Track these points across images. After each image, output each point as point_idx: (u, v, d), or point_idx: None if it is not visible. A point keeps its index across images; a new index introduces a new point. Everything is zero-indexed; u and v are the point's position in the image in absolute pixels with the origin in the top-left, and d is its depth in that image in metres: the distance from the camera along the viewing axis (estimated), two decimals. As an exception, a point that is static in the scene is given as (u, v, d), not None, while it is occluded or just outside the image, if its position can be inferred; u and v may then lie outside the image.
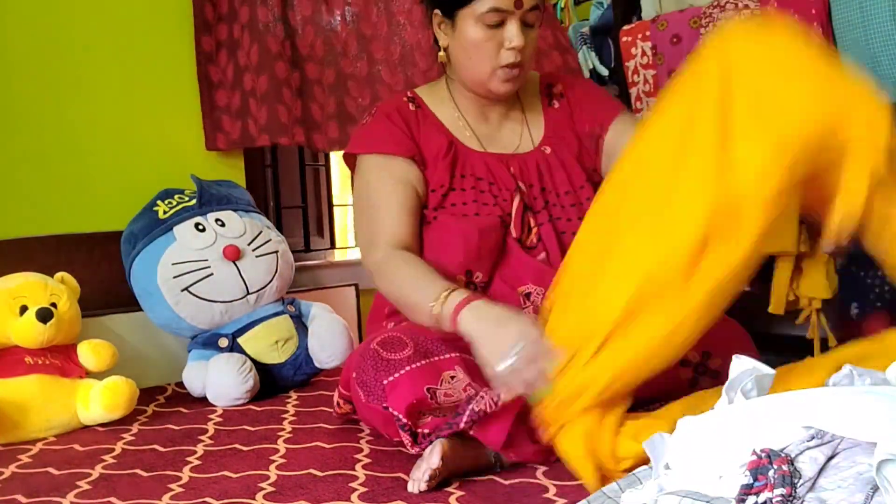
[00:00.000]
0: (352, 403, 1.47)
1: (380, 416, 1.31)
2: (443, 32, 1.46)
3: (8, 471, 1.41)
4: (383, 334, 1.35)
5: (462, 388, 1.27)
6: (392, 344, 1.31)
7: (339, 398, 1.52)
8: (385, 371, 1.28)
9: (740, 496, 0.78)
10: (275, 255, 2.04)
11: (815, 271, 1.84)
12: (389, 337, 1.33)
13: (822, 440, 0.81)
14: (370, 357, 1.30)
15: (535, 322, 1.23)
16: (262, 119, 2.25)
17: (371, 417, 1.36)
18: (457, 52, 1.45)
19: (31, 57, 2.05)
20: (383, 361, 1.28)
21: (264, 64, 2.24)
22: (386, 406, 1.26)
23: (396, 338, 1.32)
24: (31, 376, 1.66)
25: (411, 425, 1.23)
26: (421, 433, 1.24)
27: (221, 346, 1.93)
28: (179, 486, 1.28)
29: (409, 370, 1.28)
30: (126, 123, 2.18)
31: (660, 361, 1.12)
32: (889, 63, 1.63)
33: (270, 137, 2.25)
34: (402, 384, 1.26)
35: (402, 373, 1.27)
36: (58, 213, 2.07)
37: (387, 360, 1.28)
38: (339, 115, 2.40)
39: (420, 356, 1.30)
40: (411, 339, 1.32)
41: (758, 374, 0.99)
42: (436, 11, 1.44)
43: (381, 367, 1.28)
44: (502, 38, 1.39)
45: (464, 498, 1.16)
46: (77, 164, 2.11)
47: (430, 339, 1.33)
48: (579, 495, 1.11)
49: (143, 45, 2.20)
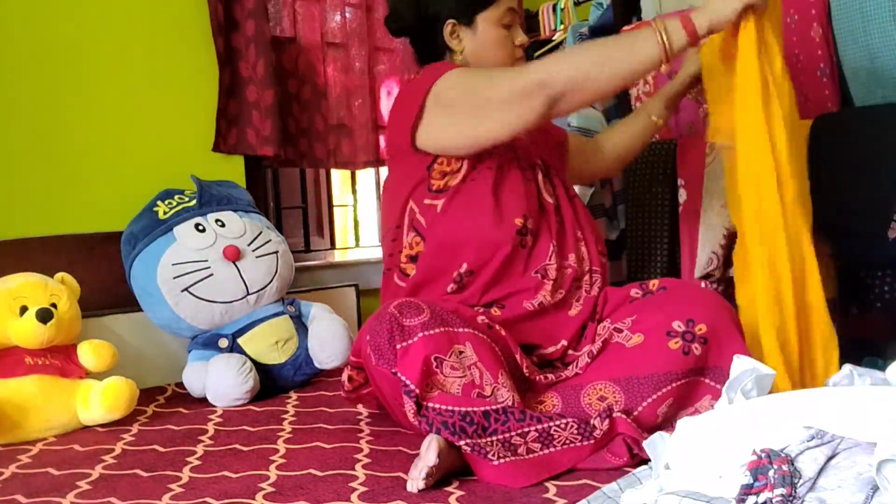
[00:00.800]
0: (362, 370, 1.47)
1: (387, 382, 1.32)
2: (458, 39, 1.57)
3: (8, 471, 1.41)
4: (401, 300, 1.37)
5: (468, 364, 1.30)
6: (409, 308, 1.33)
7: (349, 370, 1.52)
8: (399, 336, 1.30)
9: (740, 496, 0.78)
10: (275, 256, 2.04)
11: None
12: (407, 302, 1.35)
13: (822, 440, 0.81)
14: (386, 320, 1.32)
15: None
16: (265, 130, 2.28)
17: (380, 381, 1.37)
18: (478, 52, 1.58)
19: (32, 57, 2.05)
20: (398, 326, 1.31)
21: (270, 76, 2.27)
22: (395, 371, 1.28)
23: (414, 303, 1.34)
24: (31, 377, 1.66)
25: (418, 394, 1.25)
26: (426, 406, 1.25)
27: (221, 347, 1.93)
28: (179, 486, 1.28)
29: (422, 337, 1.29)
30: (126, 124, 2.18)
31: None
32: (889, 63, 1.63)
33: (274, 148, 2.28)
34: (413, 351, 1.28)
35: (415, 339, 1.29)
36: (58, 213, 2.08)
37: (402, 325, 1.31)
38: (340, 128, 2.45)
39: (436, 323, 1.31)
40: (428, 307, 1.34)
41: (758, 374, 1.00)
42: (449, 21, 1.55)
43: (396, 331, 1.30)
44: (512, 37, 1.59)
45: (464, 498, 1.16)
46: (77, 165, 2.11)
47: (447, 310, 1.36)
48: (579, 495, 1.11)
49: (144, 46, 2.21)
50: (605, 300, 1.52)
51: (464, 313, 1.38)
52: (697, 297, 1.42)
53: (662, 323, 1.37)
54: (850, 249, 1.73)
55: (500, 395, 1.29)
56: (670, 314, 1.38)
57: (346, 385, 1.55)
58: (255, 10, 2.28)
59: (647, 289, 1.49)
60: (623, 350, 1.39)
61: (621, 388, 1.35)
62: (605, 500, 1.04)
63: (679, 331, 1.36)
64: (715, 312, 1.37)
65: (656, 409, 1.33)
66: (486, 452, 1.21)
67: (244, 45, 2.29)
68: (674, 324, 1.37)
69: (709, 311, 1.37)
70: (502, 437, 1.24)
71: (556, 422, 1.28)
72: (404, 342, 1.29)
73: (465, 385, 1.28)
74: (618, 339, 1.41)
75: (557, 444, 1.26)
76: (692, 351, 1.34)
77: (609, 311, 1.49)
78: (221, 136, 2.30)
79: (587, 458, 1.26)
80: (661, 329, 1.37)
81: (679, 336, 1.36)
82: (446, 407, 1.24)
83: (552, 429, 1.27)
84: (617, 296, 1.51)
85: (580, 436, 1.27)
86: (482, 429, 1.23)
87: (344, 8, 2.53)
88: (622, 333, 1.41)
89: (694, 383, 1.35)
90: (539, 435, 1.26)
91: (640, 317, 1.42)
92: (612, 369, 1.37)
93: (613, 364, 1.38)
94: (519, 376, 1.38)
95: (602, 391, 1.36)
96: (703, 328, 1.35)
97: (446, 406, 1.24)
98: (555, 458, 1.25)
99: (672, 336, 1.36)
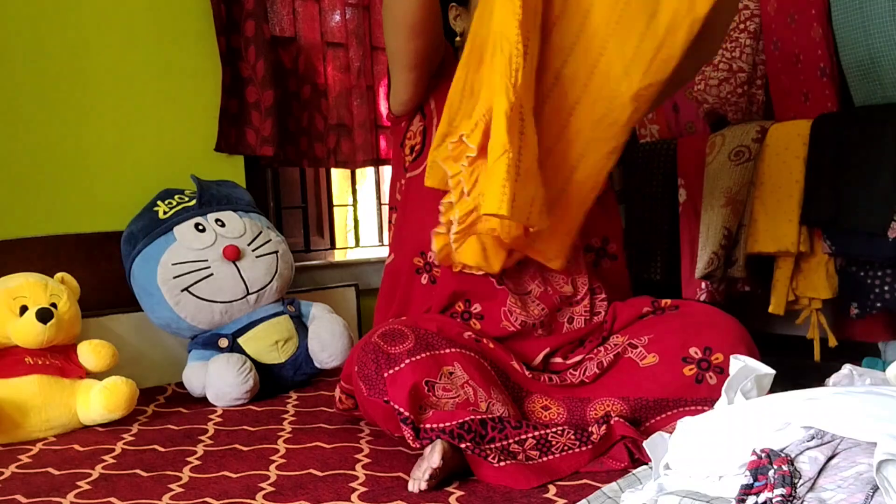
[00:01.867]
0: (353, 398, 1.48)
1: (381, 411, 1.31)
2: (458, 21, 1.61)
3: (8, 471, 1.41)
4: (384, 327, 1.36)
5: (460, 384, 1.29)
6: (393, 336, 1.33)
7: (340, 393, 1.54)
8: (386, 364, 1.29)
9: (740, 496, 0.78)
10: (275, 256, 2.04)
11: (815, 271, 1.84)
12: (391, 329, 1.34)
13: (822, 440, 0.81)
14: (371, 350, 1.32)
15: None
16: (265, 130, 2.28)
17: (373, 412, 1.37)
18: None
19: (33, 57, 2.05)
20: (384, 354, 1.30)
21: (269, 77, 2.27)
22: (387, 400, 1.27)
23: (398, 330, 1.34)
24: (31, 376, 1.66)
25: (413, 419, 1.24)
26: (423, 428, 1.24)
27: (221, 347, 1.93)
28: (179, 486, 1.28)
29: (409, 363, 1.29)
30: (126, 124, 2.18)
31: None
32: (889, 63, 1.63)
33: (273, 148, 2.28)
34: (402, 377, 1.27)
35: (402, 366, 1.29)
36: (58, 213, 2.07)
37: (387, 353, 1.30)
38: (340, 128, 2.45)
39: (421, 348, 1.31)
40: (412, 332, 1.33)
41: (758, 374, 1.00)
42: (452, 5, 1.60)
43: (382, 360, 1.30)
44: None
45: (464, 498, 1.16)
46: (77, 165, 2.11)
47: (430, 332, 1.35)
48: (579, 495, 1.11)
49: (144, 46, 2.20)
50: (615, 315, 1.48)
51: (448, 332, 1.37)
52: (718, 323, 1.39)
53: (679, 347, 1.35)
54: (851, 249, 1.73)
55: (496, 409, 1.29)
56: (688, 339, 1.36)
57: (337, 405, 1.57)
58: (255, 10, 2.28)
59: (659, 306, 1.46)
60: (636, 368, 1.37)
61: (630, 407, 1.34)
62: (605, 500, 1.04)
63: (695, 357, 1.34)
64: (733, 342, 1.34)
65: (659, 428, 1.32)
66: (487, 455, 1.21)
67: (244, 46, 2.29)
68: (691, 350, 1.35)
69: (727, 341, 1.34)
70: (500, 444, 1.24)
71: (552, 428, 1.28)
72: (391, 369, 1.29)
73: (460, 405, 1.28)
74: (631, 356, 1.39)
75: (556, 451, 1.26)
76: (706, 380, 1.33)
77: (620, 325, 1.46)
78: (223, 135, 2.30)
79: (588, 463, 1.26)
80: (678, 354, 1.35)
81: (695, 364, 1.34)
82: (443, 424, 1.23)
83: (549, 435, 1.27)
84: (628, 312, 1.47)
85: (578, 441, 1.27)
86: (480, 437, 1.23)
87: (343, 8, 2.53)
88: (637, 350, 1.39)
89: (702, 412, 1.34)
90: (537, 442, 1.26)
91: (657, 336, 1.39)
92: (622, 387, 1.36)
93: (624, 381, 1.36)
94: (516, 384, 1.38)
95: (610, 408, 1.35)
96: (720, 357, 1.33)
97: (443, 423, 1.23)
98: (554, 464, 1.25)
99: (688, 362, 1.34)
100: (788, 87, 1.87)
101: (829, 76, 1.77)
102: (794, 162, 1.82)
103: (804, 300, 1.87)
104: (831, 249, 1.74)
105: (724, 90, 1.96)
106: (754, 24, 1.93)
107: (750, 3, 1.93)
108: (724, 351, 1.33)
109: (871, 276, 1.72)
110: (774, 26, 1.88)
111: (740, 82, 1.94)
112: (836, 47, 1.75)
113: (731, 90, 1.96)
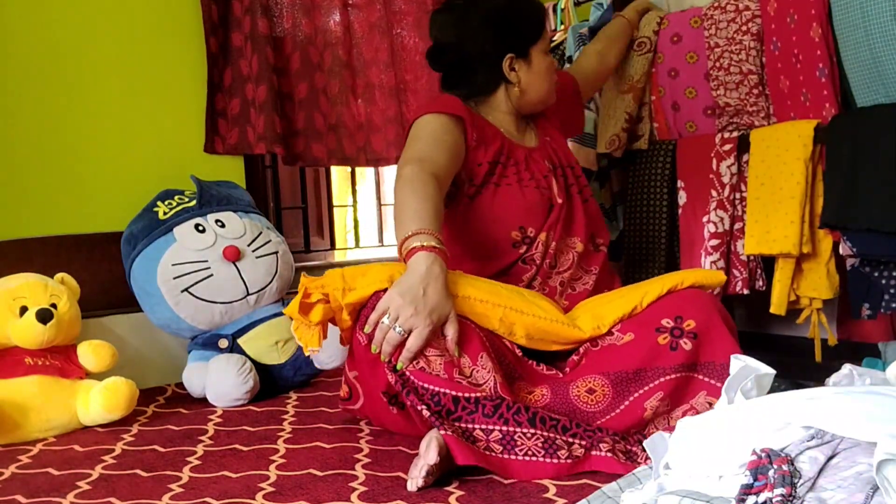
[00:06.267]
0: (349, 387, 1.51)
1: (372, 355, 1.34)
2: (515, 71, 1.68)
3: (8, 471, 1.42)
4: None
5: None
6: None
7: (344, 385, 1.55)
8: None
9: (740, 496, 0.78)
10: (275, 256, 2.04)
11: (815, 271, 1.84)
12: None
13: (822, 440, 0.81)
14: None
15: (441, 305, 1.30)
16: (259, 127, 2.27)
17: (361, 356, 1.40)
18: (533, 80, 1.71)
19: (32, 58, 2.05)
20: None
21: (264, 73, 2.27)
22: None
23: None
24: (31, 377, 1.66)
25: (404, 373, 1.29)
26: (405, 371, 1.29)
27: (221, 347, 1.93)
28: (179, 486, 1.28)
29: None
30: (126, 124, 2.18)
31: None
32: (890, 63, 1.63)
33: (267, 146, 2.28)
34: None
35: None
36: (58, 213, 2.08)
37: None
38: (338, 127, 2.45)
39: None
40: None
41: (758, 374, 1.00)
42: (508, 55, 1.67)
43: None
44: (553, 62, 1.77)
45: (464, 498, 1.16)
46: (77, 165, 2.11)
47: None
48: (579, 495, 1.11)
49: (144, 46, 2.21)
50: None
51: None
52: (688, 296, 1.44)
53: (652, 320, 1.40)
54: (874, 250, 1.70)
55: (480, 376, 1.30)
56: (659, 312, 1.41)
57: (342, 393, 1.58)
58: (253, 7, 2.28)
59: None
60: (614, 348, 1.41)
61: (610, 381, 1.36)
62: (605, 499, 1.04)
63: (668, 327, 1.38)
64: (704, 309, 1.39)
65: (643, 402, 1.33)
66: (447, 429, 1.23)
67: (241, 43, 2.29)
68: (663, 321, 1.39)
69: (698, 308, 1.40)
70: (464, 425, 1.25)
71: (522, 429, 1.26)
72: None
73: (446, 364, 1.30)
74: (610, 341, 1.43)
75: (519, 454, 1.25)
76: (680, 346, 1.35)
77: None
78: (220, 135, 2.29)
79: (547, 477, 1.23)
80: (651, 326, 1.39)
81: (668, 332, 1.38)
82: (422, 384, 1.28)
83: (517, 434, 1.26)
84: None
85: (543, 450, 1.25)
86: (447, 412, 1.26)
87: (343, 7, 2.52)
88: (613, 335, 1.44)
89: (686, 379, 1.36)
90: (502, 437, 1.25)
91: (631, 319, 1.44)
92: (602, 364, 1.39)
93: (605, 359, 1.39)
94: (509, 363, 1.39)
95: (591, 384, 1.37)
96: (692, 324, 1.37)
97: (422, 383, 1.28)
98: (512, 465, 1.24)
99: (661, 332, 1.38)
100: (788, 87, 1.87)
101: (829, 76, 1.77)
102: (794, 163, 1.81)
103: (805, 300, 1.87)
104: (853, 251, 1.73)
105: (741, 92, 1.97)
106: (756, 25, 1.92)
107: (751, 5, 1.93)
108: (694, 317, 1.38)
109: (886, 276, 1.72)
110: (774, 26, 1.87)
111: (753, 84, 1.94)
112: (836, 47, 1.74)
113: (748, 91, 1.96)
